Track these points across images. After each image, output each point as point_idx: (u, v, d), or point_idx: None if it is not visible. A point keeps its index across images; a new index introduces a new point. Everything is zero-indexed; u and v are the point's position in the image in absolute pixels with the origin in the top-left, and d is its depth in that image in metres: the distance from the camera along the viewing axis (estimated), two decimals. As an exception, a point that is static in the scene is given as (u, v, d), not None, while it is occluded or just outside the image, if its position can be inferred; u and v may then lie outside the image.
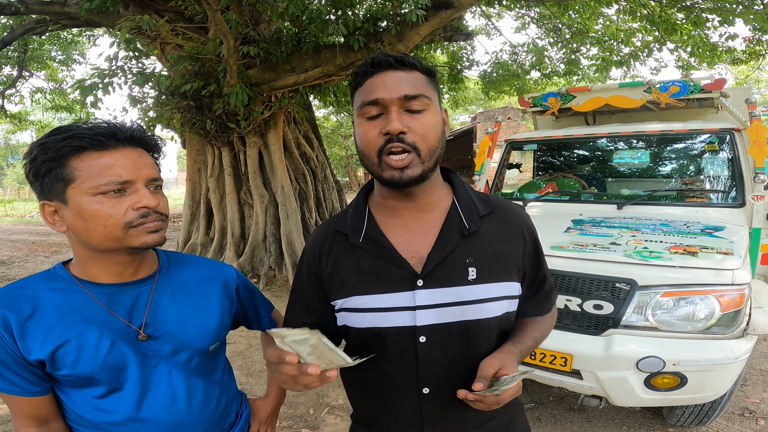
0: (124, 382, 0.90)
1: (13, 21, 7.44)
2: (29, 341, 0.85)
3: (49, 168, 0.83)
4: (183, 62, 5.00)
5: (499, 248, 0.93)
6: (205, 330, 0.98)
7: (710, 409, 2.25)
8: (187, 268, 1.03)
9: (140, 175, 0.86)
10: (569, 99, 3.43)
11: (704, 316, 1.96)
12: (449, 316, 0.89)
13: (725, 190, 2.85)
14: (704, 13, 5.60)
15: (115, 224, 0.84)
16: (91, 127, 0.84)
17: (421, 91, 0.87)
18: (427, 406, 0.92)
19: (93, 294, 0.91)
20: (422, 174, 0.88)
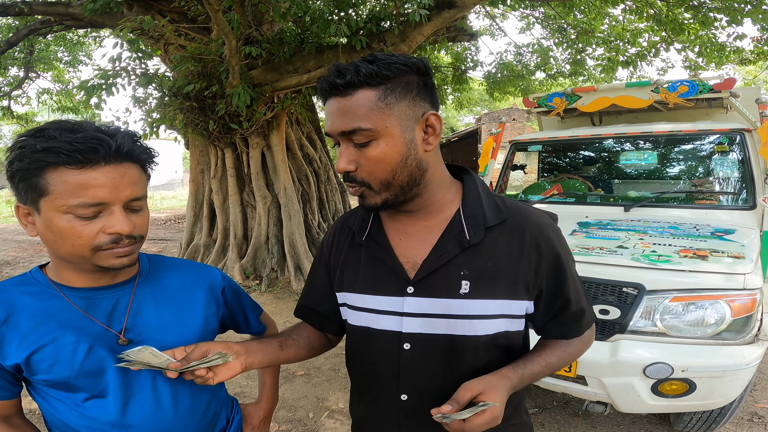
0: (105, 388, 0.87)
1: (19, 22, 7.49)
2: (5, 346, 0.83)
3: (23, 176, 0.78)
4: (186, 63, 5.00)
5: (504, 263, 0.86)
6: (189, 334, 0.95)
7: (719, 416, 2.19)
8: (170, 272, 1.00)
9: (118, 197, 0.80)
10: (575, 99, 3.37)
11: (714, 321, 1.90)
12: (435, 327, 0.86)
13: (735, 192, 2.79)
14: (712, 12, 5.53)
15: (83, 245, 0.80)
16: (71, 139, 0.77)
17: (356, 124, 0.78)
18: (404, 413, 0.91)
19: (69, 298, 0.87)
20: (384, 203, 0.84)
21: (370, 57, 0.79)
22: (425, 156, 0.83)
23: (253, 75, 5.21)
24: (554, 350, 0.94)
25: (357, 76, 0.77)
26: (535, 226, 0.88)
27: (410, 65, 0.80)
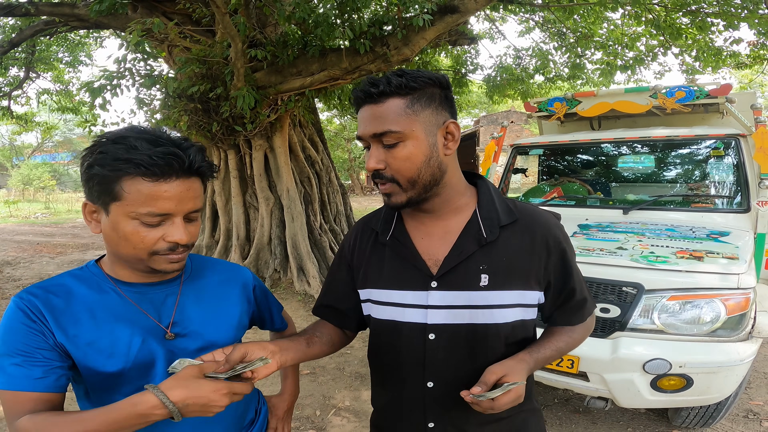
0: (152, 379, 0.92)
1: (22, 22, 7.52)
2: (64, 336, 0.87)
3: (101, 180, 0.83)
4: (190, 65, 5.05)
5: (517, 258, 0.95)
6: (226, 328, 1.02)
7: (715, 411, 2.28)
8: (209, 271, 1.07)
9: (182, 209, 0.86)
10: (575, 104, 3.46)
11: (710, 319, 1.99)
12: (458, 317, 0.94)
13: (730, 196, 2.88)
14: (709, 17, 5.63)
15: (143, 249, 0.86)
16: (151, 153, 0.81)
17: (387, 127, 0.88)
18: (430, 400, 0.98)
19: (124, 293, 0.93)
20: (409, 201, 0.93)
21: (400, 71, 0.90)
22: (445, 159, 0.94)
23: (257, 77, 5.27)
24: (562, 336, 1.03)
25: (388, 87, 0.88)
26: (543, 225, 0.98)
27: (434, 79, 0.91)
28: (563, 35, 7.28)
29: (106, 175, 0.82)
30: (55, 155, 29.83)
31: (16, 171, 26.93)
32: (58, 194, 23.81)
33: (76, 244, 10.36)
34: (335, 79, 5.28)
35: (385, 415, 1.10)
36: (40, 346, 0.84)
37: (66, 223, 15.12)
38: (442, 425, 0.99)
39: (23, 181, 25.23)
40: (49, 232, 12.96)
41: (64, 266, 7.90)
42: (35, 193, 24.08)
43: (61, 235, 12.27)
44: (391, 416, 1.08)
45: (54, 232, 12.80)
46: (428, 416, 0.99)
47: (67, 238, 11.60)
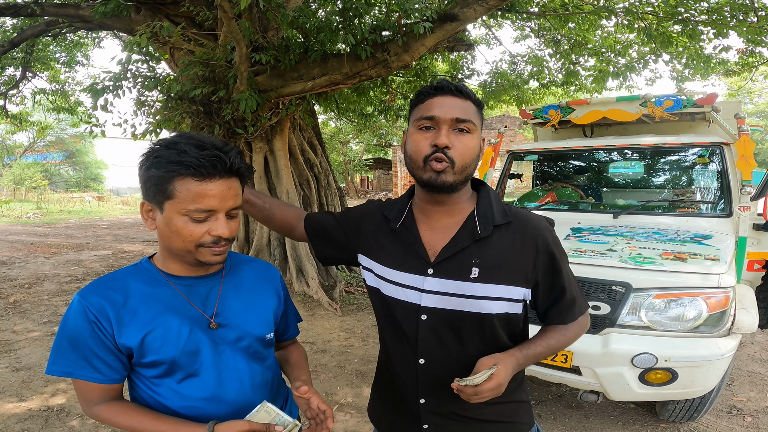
0: (199, 366, 1.02)
1: (23, 22, 7.53)
2: (123, 329, 0.98)
3: (157, 179, 0.95)
4: (193, 67, 5.12)
5: (507, 255, 1.06)
6: (263, 320, 1.12)
7: (699, 404, 2.41)
8: (246, 267, 1.18)
9: (225, 206, 0.97)
10: (569, 112, 3.60)
11: (693, 316, 2.13)
12: (448, 303, 1.06)
13: (714, 201, 3.03)
14: (699, 25, 5.79)
15: (191, 242, 0.97)
16: (199, 155, 0.93)
17: (469, 117, 1.04)
18: (422, 376, 1.10)
19: (175, 285, 1.04)
20: (453, 183, 1.05)
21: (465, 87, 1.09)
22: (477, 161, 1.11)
23: (259, 81, 5.35)
24: (554, 334, 1.13)
25: (470, 94, 1.08)
26: (534, 227, 1.10)
27: (482, 105, 1.12)
28: (558, 42, 7.44)
29: (161, 176, 0.94)
30: (47, 155, 29.55)
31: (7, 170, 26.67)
32: (49, 194, 23.60)
33: (70, 245, 10.35)
34: (336, 83, 5.39)
35: (382, 390, 1.23)
36: (101, 347, 0.97)
37: (59, 223, 15.05)
38: (433, 402, 1.11)
39: (15, 180, 24.98)
40: (43, 232, 12.90)
41: (60, 266, 7.90)
42: (27, 193, 23.84)
43: (55, 235, 12.23)
44: (388, 391, 1.21)
45: (47, 232, 12.74)
46: (420, 392, 1.11)
47: (60, 238, 11.57)
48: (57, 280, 6.87)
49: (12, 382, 3.45)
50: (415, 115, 1.10)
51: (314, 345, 4.23)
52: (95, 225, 14.62)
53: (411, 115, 1.13)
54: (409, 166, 1.10)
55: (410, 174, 1.11)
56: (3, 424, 2.85)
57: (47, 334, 4.54)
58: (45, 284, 6.64)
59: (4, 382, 3.45)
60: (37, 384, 3.42)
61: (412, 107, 1.13)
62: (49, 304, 5.63)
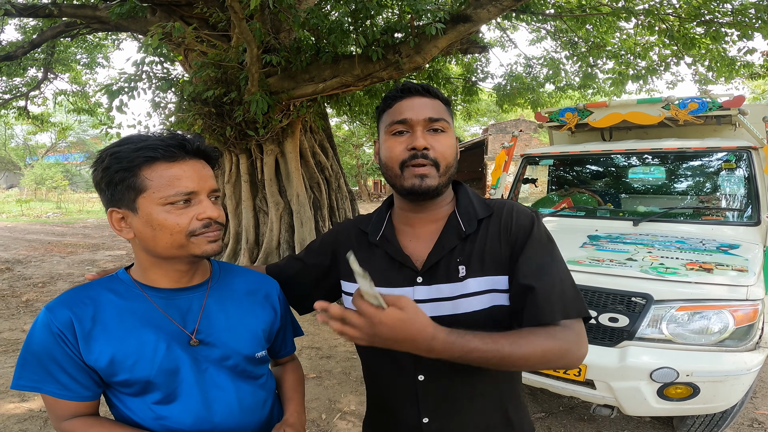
0: (178, 386, 0.93)
1: (43, 23, 7.68)
2: (92, 343, 0.89)
3: (122, 177, 0.87)
4: (206, 69, 5.13)
5: (488, 245, 1.00)
6: (252, 337, 1.02)
7: (720, 419, 2.29)
8: (237, 278, 1.07)
9: (204, 186, 0.91)
10: (586, 114, 3.48)
11: (718, 329, 2.01)
12: (442, 310, 0.98)
13: (741, 209, 2.88)
14: (723, 27, 5.62)
15: (180, 232, 0.89)
16: (162, 138, 0.88)
17: (441, 115, 1.01)
18: (422, 393, 1.01)
19: (151, 298, 0.95)
20: (438, 186, 1.00)
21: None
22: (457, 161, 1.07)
23: (270, 83, 5.34)
24: (511, 335, 0.87)
25: (437, 93, 1.04)
26: (511, 211, 1.03)
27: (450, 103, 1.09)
28: (575, 44, 7.29)
29: (125, 169, 0.87)
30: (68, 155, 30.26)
31: (29, 170, 27.35)
32: (69, 194, 24.14)
33: (86, 244, 10.50)
34: (347, 85, 5.34)
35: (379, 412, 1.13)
36: (69, 362, 0.89)
37: (77, 223, 15.34)
38: (436, 419, 1.01)
39: (36, 180, 25.62)
40: (60, 231, 13.15)
41: (74, 266, 8.01)
42: (47, 193, 24.42)
43: (72, 234, 12.45)
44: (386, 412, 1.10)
45: (65, 232, 12.98)
46: (422, 410, 1.02)
47: (77, 238, 11.77)
48: (70, 280, 6.96)
49: None
50: (385, 122, 1.05)
51: (320, 350, 4.16)
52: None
53: (380, 122, 1.07)
54: (386, 175, 1.04)
55: (389, 184, 1.05)
56: (2, 425, 2.84)
57: (56, 333, 4.56)
58: (58, 283, 6.72)
59: (7, 382, 3.45)
60: (42, 384, 3.42)
61: (380, 114, 1.08)
62: (61, 303, 5.69)
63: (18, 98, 10.87)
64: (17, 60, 8.42)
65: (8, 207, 19.43)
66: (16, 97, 10.79)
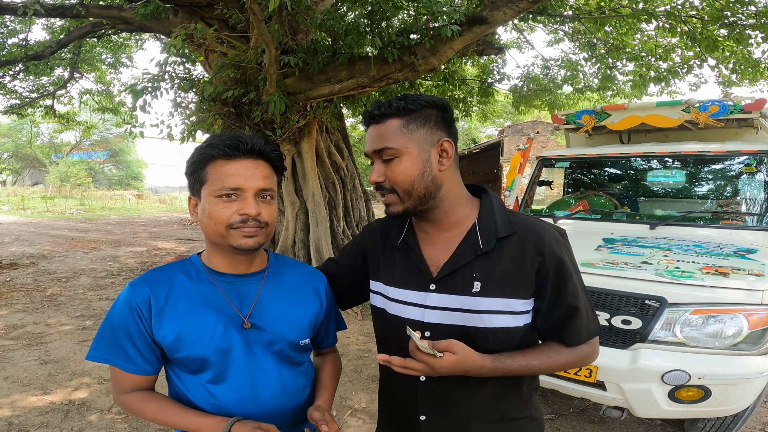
0: (229, 367, 1.02)
1: (70, 23, 7.91)
2: (162, 321, 1.00)
3: (193, 170, 1.03)
4: (226, 69, 5.23)
5: (510, 268, 1.00)
6: (298, 325, 1.10)
7: (732, 423, 2.27)
8: (289, 269, 1.17)
9: (252, 185, 0.99)
10: (604, 117, 3.45)
11: (732, 333, 2.00)
12: (451, 319, 1.02)
13: (760, 213, 2.83)
14: (747, 29, 5.49)
15: (221, 223, 0.99)
16: (223, 138, 1.01)
17: (384, 144, 1.01)
18: (422, 393, 1.06)
19: (216, 282, 1.05)
20: (405, 211, 1.03)
21: (402, 96, 1.03)
22: (440, 174, 1.03)
23: (288, 83, 5.41)
24: (540, 355, 1.03)
25: (389, 109, 1.02)
26: (539, 236, 1.02)
27: (431, 102, 1.03)
28: (594, 46, 7.20)
29: (196, 163, 1.02)
30: (91, 153, 30.99)
31: (54, 168, 28.11)
32: (93, 191, 24.72)
33: (108, 241, 10.76)
34: (363, 86, 5.38)
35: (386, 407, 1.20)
36: (140, 337, 1.00)
37: (100, 220, 15.72)
38: (432, 418, 1.06)
39: (60, 177, 26.31)
40: (84, 227, 13.49)
41: (97, 261, 8.22)
42: (71, 190, 25.04)
43: (95, 231, 12.76)
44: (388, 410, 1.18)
45: (88, 228, 13.31)
46: (421, 408, 1.07)
47: (100, 234, 12.06)
48: (93, 275, 7.13)
49: (39, 375, 3.55)
50: None
51: (333, 348, 4.20)
52: (133, 222, 15.19)
53: None
54: None
55: None
56: (24, 417, 2.92)
57: (78, 327, 4.69)
58: (81, 278, 6.90)
59: (31, 375, 3.55)
60: (62, 377, 3.51)
61: None
62: (84, 298, 5.83)
63: (45, 97, 11.18)
64: (45, 59, 8.69)
65: (33, 203, 20.02)
66: (43, 96, 11.10)
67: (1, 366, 3.66)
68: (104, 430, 2.78)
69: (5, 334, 4.41)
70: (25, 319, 4.89)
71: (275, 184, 1.05)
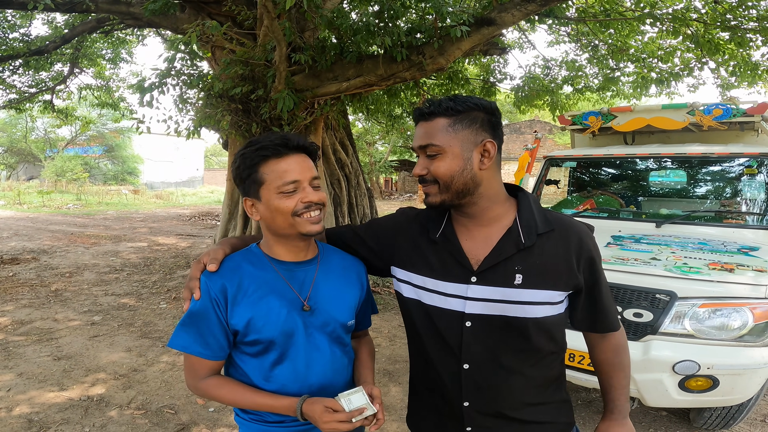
0: (290, 348, 1.12)
1: (74, 18, 7.87)
2: (236, 307, 1.09)
3: (248, 174, 1.10)
4: (234, 66, 5.26)
5: (550, 261, 1.09)
6: (347, 307, 1.20)
7: (737, 412, 2.39)
8: (335, 256, 1.26)
9: (306, 176, 1.10)
10: (610, 118, 3.55)
11: (738, 325, 2.11)
12: (493, 309, 1.09)
13: (761, 213, 2.94)
14: (748, 33, 5.60)
15: (289, 212, 1.08)
16: (271, 138, 1.10)
17: (430, 141, 1.08)
18: (466, 380, 1.12)
19: (278, 269, 1.15)
20: (442, 202, 1.11)
21: (453, 96, 1.10)
22: (479, 173, 1.09)
23: (296, 81, 5.46)
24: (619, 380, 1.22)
25: (438, 108, 1.09)
26: (576, 234, 1.12)
27: (479, 105, 1.10)
28: (596, 47, 7.30)
29: (249, 166, 1.10)
30: (87, 148, 30.78)
31: (49, 162, 27.90)
32: (89, 186, 24.56)
33: (108, 236, 10.73)
34: (370, 85, 5.44)
35: (421, 399, 1.25)
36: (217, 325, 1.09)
37: (97, 215, 15.64)
38: (476, 404, 1.13)
39: (56, 172, 26.11)
40: (82, 222, 13.42)
41: (98, 257, 8.19)
42: (67, 185, 24.85)
43: (93, 226, 12.71)
44: (428, 398, 1.23)
45: (86, 223, 13.25)
46: (465, 396, 1.13)
47: (99, 229, 12.02)
48: (96, 270, 7.13)
49: (54, 371, 3.54)
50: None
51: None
52: (131, 217, 15.14)
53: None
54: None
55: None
56: (44, 414, 2.93)
57: (87, 323, 4.68)
58: (85, 273, 6.89)
59: (45, 371, 3.55)
60: (78, 373, 3.51)
61: None
62: (89, 293, 5.82)
63: (44, 92, 11.11)
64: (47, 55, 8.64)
65: (29, 198, 19.88)
66: (42, 91, 11.03)
67: (14, 362, 3.67)
68: (125, 425, 2.81)
69: (14, 330, 4.41)
70: (32, 315, 4.88)
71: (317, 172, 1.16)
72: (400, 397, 3.23)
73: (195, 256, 8.16)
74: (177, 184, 32.03)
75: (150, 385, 3.33)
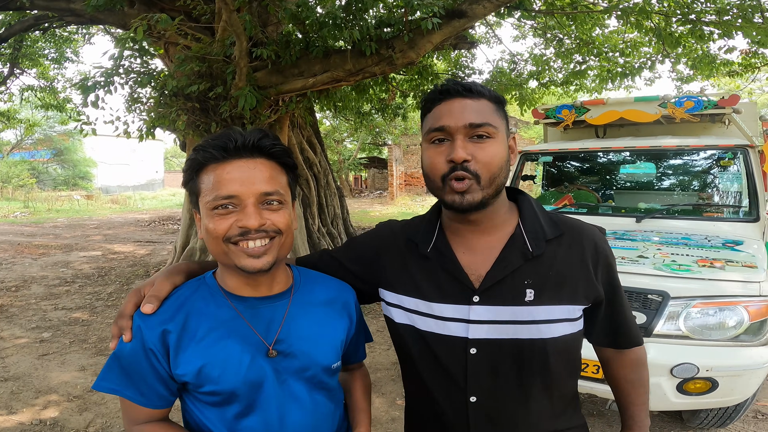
0: (258, 398, 0.89)
1: (11, 17, 7.27)
2: (181, 355, 0.86)
3: (186, 180, 0.88)
4: (189, 63, 4.94)
5: (565, 271, 0.94)
6: (331, 347, 0.97)
7: (734, 412, 2.36)
8: (317, 286, 1.02)
9: (250, 190, 0.83)
10: (583, 112, 3.49)
11: (734, 324, 2.06)
12: (502, 332, 0.92)
13: (741, 205, 2.95)
14: (707, 26, 5.73)
15: (218, 238, 0.83)
16: (210, 138, 0.85)
17: (485, 120, 0.90)
18: (474, 415, 0.96)
19: (236, 308, 0.90)
20: (482, 200, 0.91)
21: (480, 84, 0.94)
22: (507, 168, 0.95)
23: (258, 77, 5.19)
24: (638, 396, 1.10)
25: (484, 89, 0.93)
26: (590, 237, 0.98)
27: (504, 101, 0.97)
28: (561, 41, 7.35)
29: (186, 172, 0.88)
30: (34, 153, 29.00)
31: (-8, 168, 26.08)
32: (37, 193, 23.14)
33: (58, 245, 10.08)
34: (338, 80, 5.24)
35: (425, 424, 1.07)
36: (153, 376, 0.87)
37: (46, 223, 14.70)
38: None
39: (1, 179, 24.47)
40: (30, 231, 12.58)
41: (48, 268, 7.66)
42: (14, 192, 23.38)
43: (42, 235, 11.93)
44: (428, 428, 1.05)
45: (35, 232, 12.43)
46: (472, 429, 0.97)
47: (48, 238, 11.28)
48: (45, 283, 6.65)
49: (0, 393, 3.27)
50: (424, 127, 0.96)
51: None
52: (84, 224, 14.29)
53: (422, 126, 0.99)
54: (428, 186, 0.97)
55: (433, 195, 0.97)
56: None
57: (35, 340, 4.33)
58: (33, 287, 6.42)
59: (-10, 392, 3.27)
60: (27, 395, 3.24)
61: (421, 118, 1.00)
62: (38, 308, 5.41)
63: (-20, 95, 10.31)
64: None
65: (-29, 207, 18.49)
66: (-21, 93, 10.23)
67: (-44, 385, 3.34)
68: (82, 453, 2.57)
69: (-47, 350, 4.03)
70: (-27, 334, 4.47)
71: (284, 185, 0.88)
72: (384, 409, 3.06)
73: (155, 264, 7.72)
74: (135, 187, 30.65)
75: (109, 407, 3.07)
